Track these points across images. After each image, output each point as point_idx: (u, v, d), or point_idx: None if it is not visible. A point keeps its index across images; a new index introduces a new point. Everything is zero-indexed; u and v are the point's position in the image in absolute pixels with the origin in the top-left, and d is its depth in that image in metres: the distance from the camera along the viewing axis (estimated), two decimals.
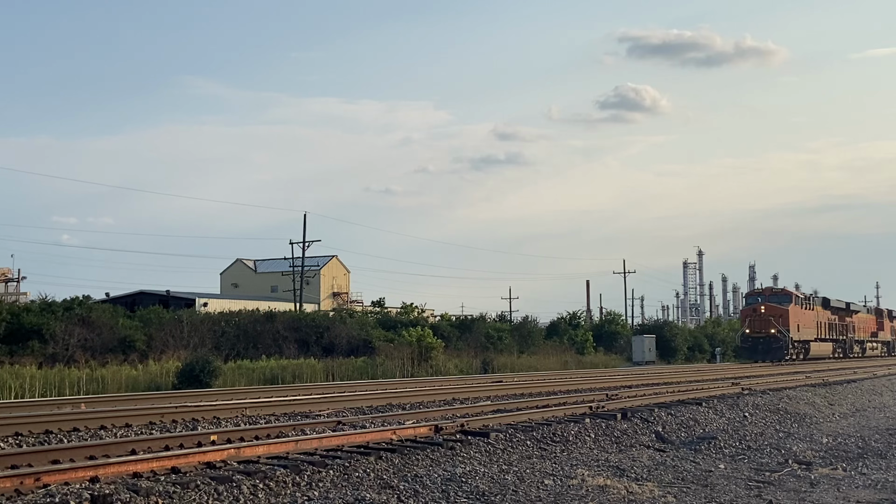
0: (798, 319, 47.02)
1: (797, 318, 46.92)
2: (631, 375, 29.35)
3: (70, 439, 10.92)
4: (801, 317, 47.46)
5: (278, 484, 8.04)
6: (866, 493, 9.12)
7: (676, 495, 8.60)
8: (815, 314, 50.50)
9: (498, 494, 8.15)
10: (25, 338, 29.86)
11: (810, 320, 49.39)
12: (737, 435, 13.62)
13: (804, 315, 48.27)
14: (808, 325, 48.63)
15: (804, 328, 47.90)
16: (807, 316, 48.80)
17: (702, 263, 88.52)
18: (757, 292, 50.38)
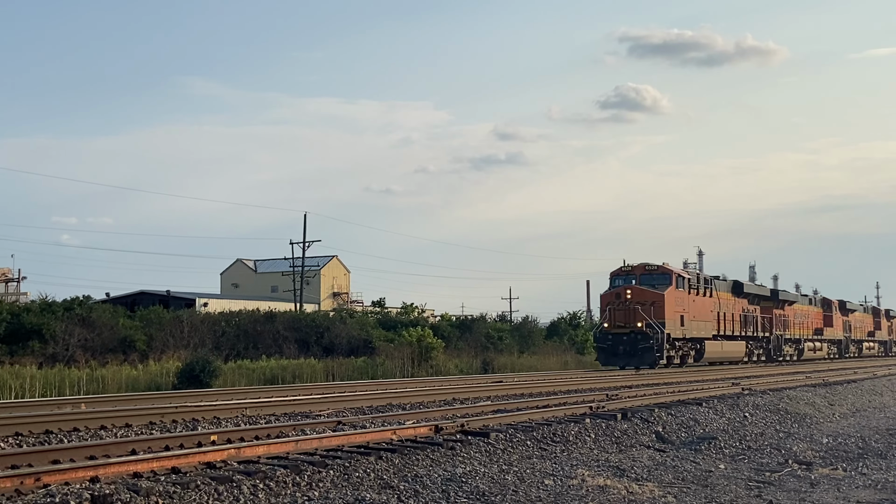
0: (682, 308, 35.57)
1: (681, 306, 35.45)
2: (631, 375, 29.34)
3: (70, 439, 10.92)
4: (687, 305, 36.03)
5: (278, 484, 8.04)
6: (866, 494, 9.12)
7: (676, 495, 8.60)
8: (714, 302, 39.02)
9: (498, 494, 8.15)
10: (25, 338, 29.87)
11: (705, 310, 37.89)
12: (737, 435, 13.62)
13: (695, 303, 36.81)
14: (701, 316, 37.15)
15: (695, 321, 36.58)
16: (699, 305, 37.33)
17: (702, 263, 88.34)
18: (625, 271, 35.96)
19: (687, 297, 36.05)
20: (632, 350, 33.73)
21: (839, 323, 58.23)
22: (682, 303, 35.48)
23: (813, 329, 52.78)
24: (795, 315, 49.72)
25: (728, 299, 40.89)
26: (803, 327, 50.96)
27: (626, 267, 36.29)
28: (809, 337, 51.65)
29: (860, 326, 63.72)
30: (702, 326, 37.50)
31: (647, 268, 35.54)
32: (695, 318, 36.68)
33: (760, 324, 44.09)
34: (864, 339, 64.68)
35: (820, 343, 53.38)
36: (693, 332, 36.58)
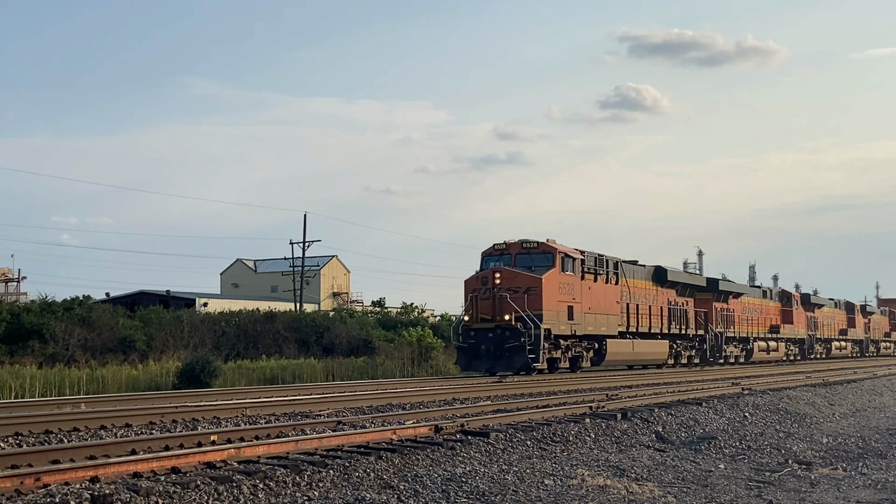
0: (570, 298, 27.53)
1: (569, 294, 27.52)
2: (631, 375, 29.35)
3: (70, 439, 10.92)
4: (579, 294, 28.02)
5: (278, 484, 8.04)
6: (866, 493, 9.12)
7: (676, 495, 8.60)
8: (621, 292, 31.14)
9: (498, 494, 8.15)
10: (25, 338, 29.89)
11: (608, 301, 30.01)
12: (737, 435, 13.62)
13: (592, 292, 28.86)
14: (601, 308, 29.44)
15: (591, 314, 28.72)
16: (599, 294, 29.40)
17: (702, 263, 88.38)
18: (498, 249, 28.11)
19: (579, 283, 28.13)
20: (497, 350, 25.98)
21: (801, 319, 51.06)
22: (570, 290, 27.56)
23: (768, 326, 46.12)
24: (744, 309, 42.96)
25: (646, 289, 33.62)
26: (754, 324, 44.19)
27: (499, 244, 28.03)
28: (762, 335, 44.93)
29: (830, 323, 56.97)
30: (602, 321, 29.45)
31: (524, 245, 27.56)
32: (591, 311, 28.71)
33: (694, 319, 37.15)
34: (834, 337, 57.67)
35: (776, 342, 46.26)
36: (588, 328, 28.66)
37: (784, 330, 47.78)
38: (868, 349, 66.01)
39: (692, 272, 41.73)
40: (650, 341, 33.24)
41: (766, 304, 46.98)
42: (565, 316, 27.46)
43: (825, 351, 55.80)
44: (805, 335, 51.36)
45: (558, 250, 27.54)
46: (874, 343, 68.55)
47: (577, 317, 28.04)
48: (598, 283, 29.71)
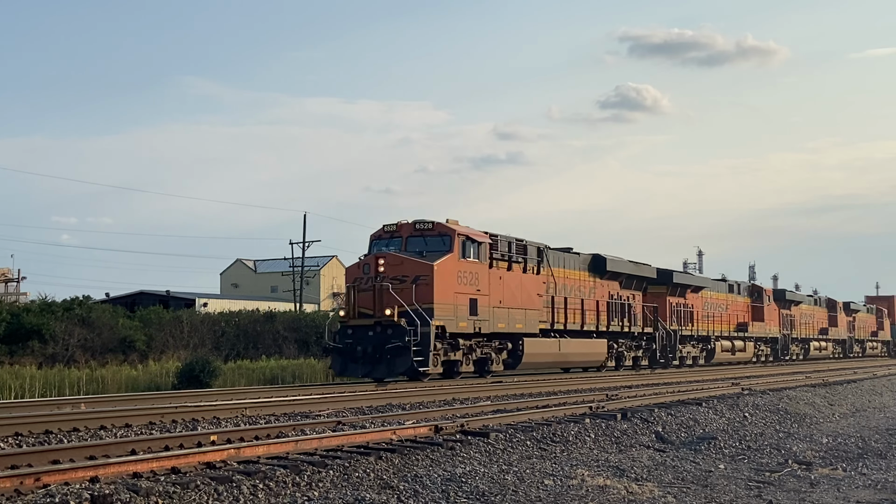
0: (473, 289, 23.15)
1: (471, 285, 23.12)
2: (631, 375, 29.35)
3: (70, 439, 10.92)
4: (486, 284, 23.66)
5: (278, 484, 8.04)
6: (866, 494, 9.12)
7: (676, 495, 8.60)
8: (543, 283, 26.53)
9: (498, 494, 8.15)
10: (25, 338, 29.90)
11: (526, 294, 25.53)
12: (737, 435, 13.63)
13: (504, 282, 24.54)
14: (517, 301, 25.01)
15: (503, 308, 24.31)
16: (514, 285, 25.02)
17: (702, 263, 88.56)
18: (389, 231, 23.69)
19: (486, 272, 23.70)
20: (377, 352, 21.53)
21: (774, 316, 47.02)
22: (473, 280, 23.09)
23: (734, 324, 42.36)
24: (705, 305, 39.23)
25: (580, 280, 29.33)
26: (717, 321, 40.30)
27: (389, 225, 23.62)
28: (728, 334, 41.33)
29: (808, 322, 52.95)
30: (518, 317, 25.00)
31: (417, 226, 23.22)
32: (503, 305, 24.32)
33: (641, 315, 32.89)
34: (813, 336, 53.79)
35: (743, 342, 42.64)
36: (499, 325, 24.16)
37: (753, 328, 43.67)
38: (852, 350, 61.49)
39: (640, 262, 34.22)
40: (583, 341, 28.66)
41: (733, 300, 42.71)
42: (466, 310, 22.79)
43: (802, 351, 52.23)
44: (779, 334, 47.18)
45: (457, 232, 22.91)
46: (859, 343, 64.13)
47: (483, 311, 23.48)
48: (513, 272, 25.19)
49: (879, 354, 68.99)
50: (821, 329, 55.41)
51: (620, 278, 32.26)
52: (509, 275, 25.11)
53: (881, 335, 70.48)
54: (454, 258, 22.74)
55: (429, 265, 22.07)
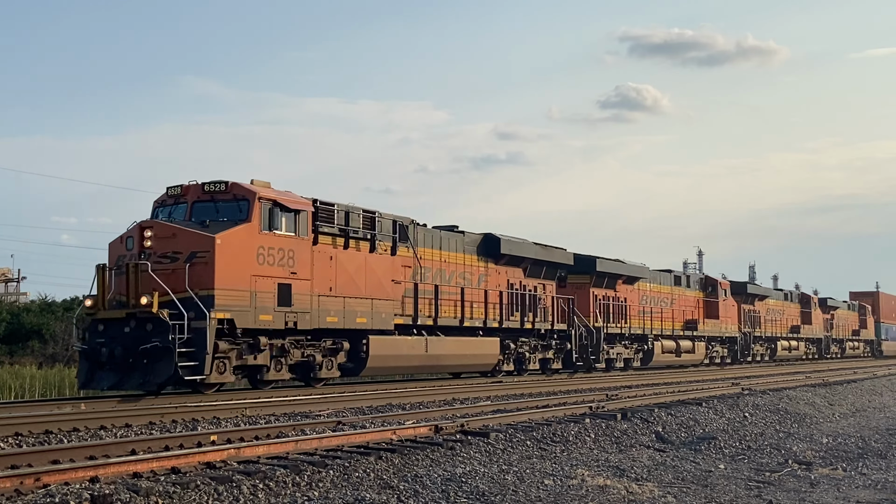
0: (283, 270, 17.93)
1: (283, 265, 17.96)
2: (631, 375, 29.36)
3: (70, 439, 10.92)
4: (305, 265, 18.49)
5: (278, 484, 8.05)
6: (866, 494, 9.12)
7: (676, 495, 8.60)
8: (402, 266, 21.56)
9: (498, 494, 8.15)
10: (25, 338, 29.93)
11: (372, 280, 20.28)
12: (737, 435, 13.63)
13: (336, 263, 19.38)
14: (356, 289, 19.76)
15: (336, 297, 19.23)
16: (353, 267, 19.82)
17: (702, 263, 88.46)
18: (173, 195, 18.16)
19: (308, 249, 18.37)
20: (129, 355, 16.31)
21: (732, 313, 41.81)
22: (284, 260, 17.71)
23: (682, 321, 36.98)
24: (643, 299, 34.21)
25: (464, 265, 24.19)
26: (659, 318, 34.91)
27: (174, 188, 18.20)
28: (674, 333, 36.20)
29: (776, 319, 47.73)
30: (360, 308, 19.64)
31: (207, 189, 17.83)
32: (335, 293, 18.99)
33: (554, 310, 27.82)
34: (782, 335, 48.57)
35: (692, 341, 37.27)
36: (328, 319, 18.80)
37: (706, 326, 38.74)
38: (828, 350, 55.90)
39: (552, 245, 28.63)
40: (465, 339, 23.44)
41: (680, 294, 37.57)
42: (272, 299, 17.55)
43: (769, 352, 46.97)
44: (737, 332, 42.23)
45: (259, 195, 17.62)
46: (837, 342, 58.48)
47: (302, 301, 18.03)
48: (353, 251, 19.71)
49: (861, 355, 63.38)
50: (792, 327, 50.27)
51: (524, 264, 26.85)
52: (347, 255, 19.56)
53: (863, 334, 64.68)
54: (251, 229, 17.32)
55: (208, 237, 16.60)
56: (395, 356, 21.14)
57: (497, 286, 25.38)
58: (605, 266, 31.48)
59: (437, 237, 23.56)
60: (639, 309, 33.75)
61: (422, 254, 22.46)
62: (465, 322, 23.63)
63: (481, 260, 25.17)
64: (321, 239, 19.05)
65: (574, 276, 30.26)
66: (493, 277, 25.42)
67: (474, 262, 24.86)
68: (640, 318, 33.82)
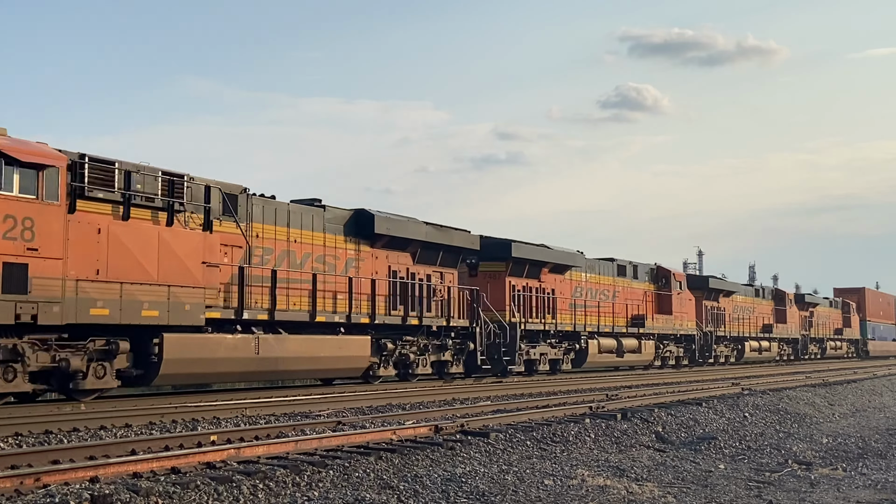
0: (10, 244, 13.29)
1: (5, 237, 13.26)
2: (631, 375, 29.35)
3: (70, 439, 10.92)
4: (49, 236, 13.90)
5: (278, 484, 8.05)
6: (866, 494, 9.12)
7: (676, 495, 8.61)
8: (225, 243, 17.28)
9: (498, 494, 8.15)
10: None
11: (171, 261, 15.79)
12: (737, 435, 13.63)
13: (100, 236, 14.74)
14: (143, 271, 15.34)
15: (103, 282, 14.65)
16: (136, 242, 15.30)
17: (702, 263, 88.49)
18: None
19: (58, 217, 14.25)
20: None
21: (689, 308, 37.28)
22: (10, 229, 13.48)
23: (629, 317, 32.44)
24: (576, 291, 29.68)
25: (325, 246, 19.88)
26: (595, 313, 30.43)
27: None
28: (615, 330, 31.39)
29: (743, 316, 43.15)
30: (149, 297, 15.46)
31: None
32: (106, 277, 14.82)
33: (453, 303, 23.48)
34: (751, 334, 43.88)
35: (638, 341, 32.52)
36: (93, 312, 14.62)
37: (656, 322, 33.93)
38: (806, 350, 51.04)
39: (451, 226, 23.88)
40: (319, 338, 19.03)
41: (625, 286, 32.94)
42: None
43: (735, 353, 42.32)
44: (695, 330, 37.63)
45: None
46: (817, 342, 53.46)
47: (47, 287, 13.88)
48: (137, 222, 15.44)
49: (845, 355, 58.20)
50: (764, 326, 45.59)
51: (411, 248, 22.23)
52: (128, 227, 15.28)
53: (847, 333, 59.39)
54: None
55: None
56: (205, 360, 16.52)
57: (373, 273, 20.95)
58: (523, 251, 26.65)
59: (285, 212, 19.07)
60: (570, 302, 29.07)
61: (259, 231, 18.34)
62: (316, 317, 19.06)
63: (351, 241, 20.53)
64: (85, 206, 14.73)
65: (487, 264, 26.02)
66: (367, 263, 21.00)
67: (340, 244, 20.22)
68: (572, 312, 29.06)
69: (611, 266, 32.83)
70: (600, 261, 32.39)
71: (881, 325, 68.90)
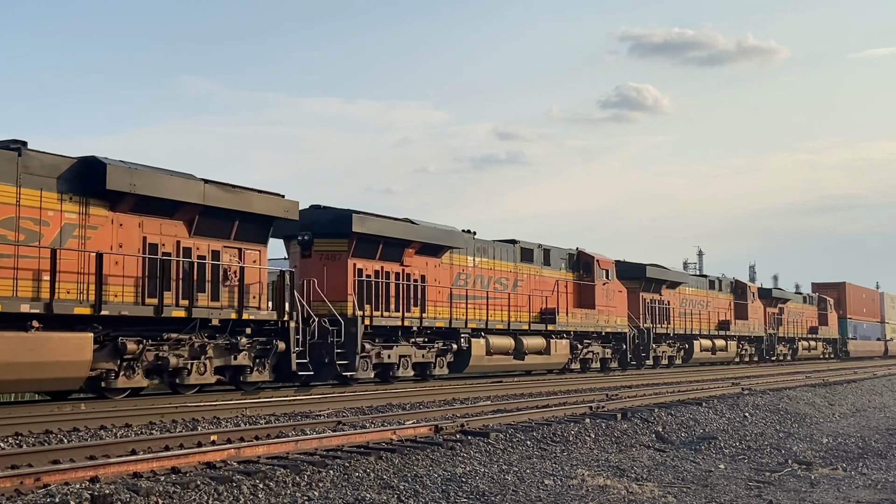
0: None
1: None
2: (631, 375, 29.35)
3: (70, 439, 10.92)
4: None
5: (278, 484, 8.05)
6: (866, 493, 9.12)
7: (676, 495, 8.61)
8: None
9: (498, 494, 8.15)
10: None
11: None
12: (737, 435, 13.63)
13: None
14: None
15: None
16: None
17: (702, 263, 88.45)
18: None
19: None
20: None
21: (618, 301, 30.81)
22: None
23: (538, 311, 26.77)
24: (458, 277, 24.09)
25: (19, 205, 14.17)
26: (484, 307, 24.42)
27: None
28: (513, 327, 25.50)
29: (693, 311, 37.46)
30: None
31: None
32: None
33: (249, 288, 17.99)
34: (703, 332, 37.98)
35: (545, 339, 26.64)
36: None
37: (572, 318, 28.34)
38: (773, 350, 45.29)
39: (259, 190, 18.24)
40: None
41: (530, 274, 27.07)
42: None
43: (682, 353, 36.59)
44: (627, 328, 31.24)
45: None
46: (786, 342, 47.88)
47: None
48: None
49: (821, 356, 52.93)
50: (720, 322, 39.86)
51: (184, 214, 16.74)
52: None
53: (824, 331, 53.61)
54: None
55: None
56: None
57: (112, 246, 15.48)
58: (373, 226, 20.86)
59: None
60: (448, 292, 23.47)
61: None
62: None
63: (71, 201, 14.94)
64: None
65: (325, 241, 20.41)
66: (103, 232, 15.43)
67: (50, 204, 14.62)
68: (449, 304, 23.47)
69: (511, 249, 26.28)
70: (498, 242, 26.03)
71: (864, 324, 62.90)
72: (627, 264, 33.41)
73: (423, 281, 22.74)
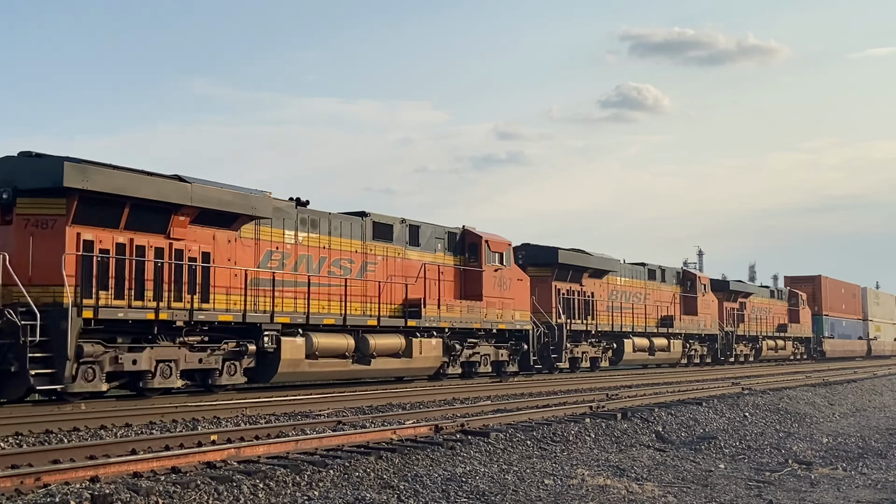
0: None
1: None
2: (631, 375, 29.35)
3: (70, 439, 10.92)
4: None
5: (278, 484, 8.05)
6: (866, 493, 9.13)
7: (676, 495, 8.61)
8: None
9: (498, 494, 8.15)
10: None
11: None
12: (737, 435, 13.63)
13: None
14: None
15: None
16: None
17: (702, 263, 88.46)
18: None
19: None
20: None
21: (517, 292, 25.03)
22: None
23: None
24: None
25: None
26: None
27: None
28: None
29: (628, 305, 32.13)
30: None
31: None
32: None
33: None
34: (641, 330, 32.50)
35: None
36: None
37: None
38: (730, 350, 39.85)
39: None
40: None
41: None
42: None
43: (608, 354, 31.24)
44: (528, 324, 25.51)
45: None
46: (748, 341, 42.23)
47: None
48: None
49: (790, 356, 47.26)
50: (662, 318, 34.26)
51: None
52: None
53: (794, 330, 47.63)
54: None
55: None
56: None
57: None
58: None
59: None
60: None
61: None
62: None
63: None
64: None
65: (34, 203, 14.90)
66: None
67: None
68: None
69: (360, 224, 21.59)
70: (339, 215, 21.44)
71: (843, 321, 56.10)
72: (536, 248, 28.43)
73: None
